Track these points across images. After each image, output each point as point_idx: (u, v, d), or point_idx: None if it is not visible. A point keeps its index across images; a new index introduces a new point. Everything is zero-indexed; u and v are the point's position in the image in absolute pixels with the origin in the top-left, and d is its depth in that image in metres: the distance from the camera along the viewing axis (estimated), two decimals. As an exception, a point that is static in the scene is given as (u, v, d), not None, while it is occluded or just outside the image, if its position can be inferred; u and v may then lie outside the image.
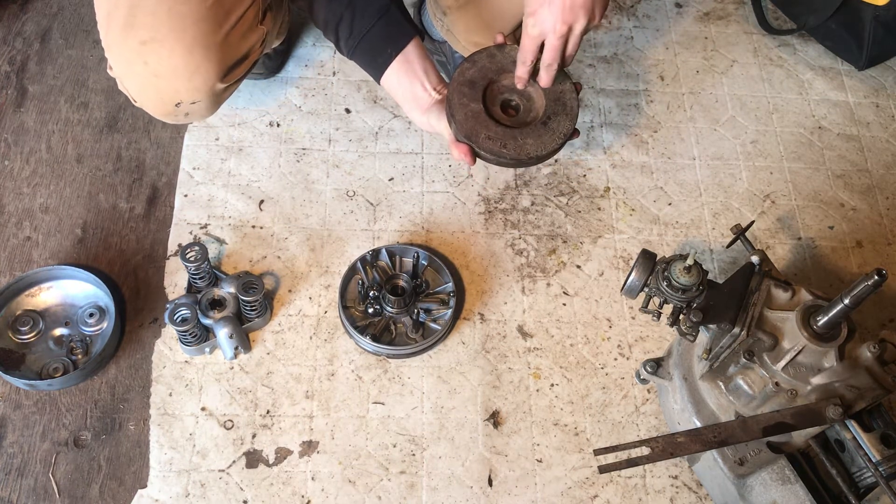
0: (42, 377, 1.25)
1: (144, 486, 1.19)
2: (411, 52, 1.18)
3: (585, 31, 1.11)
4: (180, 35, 1.12)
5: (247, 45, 1.22)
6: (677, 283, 1.07)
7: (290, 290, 1.37)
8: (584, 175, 1.55)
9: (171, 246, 1.40)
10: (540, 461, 1.26)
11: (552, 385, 1.32)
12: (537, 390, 1.32)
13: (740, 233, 1.21)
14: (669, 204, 1.53)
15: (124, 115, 1.53)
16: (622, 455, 1.01)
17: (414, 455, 1.25)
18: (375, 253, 1.37)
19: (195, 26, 1.13)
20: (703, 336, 1.13)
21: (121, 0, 1.12)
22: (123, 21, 1.12)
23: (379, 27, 1.16)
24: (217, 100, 1.23)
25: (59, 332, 1.29)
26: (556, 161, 1.55)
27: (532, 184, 1.52)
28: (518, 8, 1.38)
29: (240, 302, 1.29)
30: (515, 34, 1.44)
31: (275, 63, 1.61)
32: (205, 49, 1.14)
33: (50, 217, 1.42)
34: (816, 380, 1.05)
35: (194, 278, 1.31)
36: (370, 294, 1.32)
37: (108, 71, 1.21)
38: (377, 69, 1.19)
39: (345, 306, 1.33)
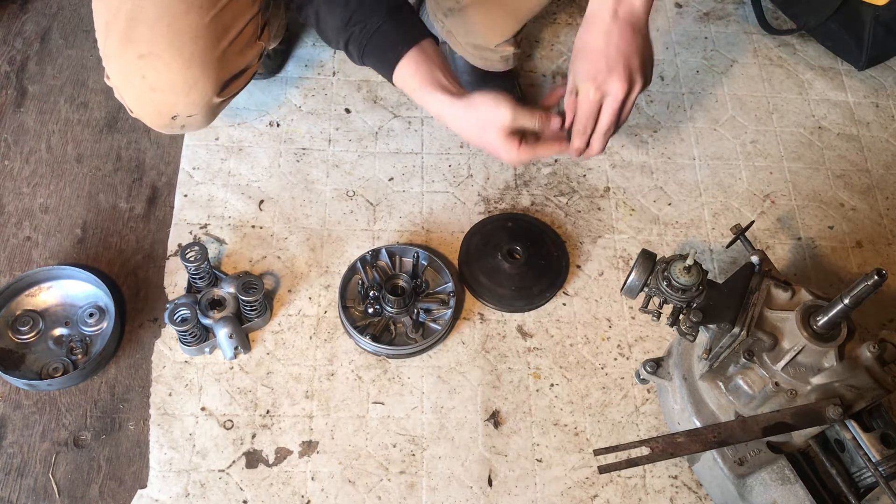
0: (42, 377, 1.24)
1: (144, 486, 1.19)
2: (427, 46, 1.12)
3: (637, 96, 1.09)
4: (178, 50, 1.12)
5: (245, 61, 1.22)
6: (677, 283, 1.07)
7: (289, 290, 1.37)
8: (584, 175, 1.55)
9: (171, 246, 1.40)
10: (540, 461, 1.26)
11: (552, 385, 1.32)
12: (537, 390, 1.32)
13: (740, 233, 1.20)
14: (669, 204, 1.53)
15: (124, 115, 1.53)
16: (622, 455, 1.01)
17: (414, 455, 1.25)
18: (375, 253, 1.37)
19: (193, 42, 1.13)
20: (703, 336, 1.13)
21: (120, 12, 1.12)
22: (122, 33, 1.12)
23: (390, 24, 1.11)
24: (213, 112, 1.24)
25: (58, 332, 1.29)
26: (556, 161, 1.55)
27: (532, 184, 1.52)
28: (518, 13, 1.37)
29: (240, 302, 1.29)
30: (516, 38, 1.45)
31: (275, 63, 1.61)
32: (202, 65, 1.15)
33: (50, 217, 1.42)
34: (816, 380, 1.05)
35: (194, 278, 1.31)
36: (370, 294, 1.32)
37: (106, 80, 1.22)
38: (389, 65, 1.12)
39: (345, 306, 1.33)
